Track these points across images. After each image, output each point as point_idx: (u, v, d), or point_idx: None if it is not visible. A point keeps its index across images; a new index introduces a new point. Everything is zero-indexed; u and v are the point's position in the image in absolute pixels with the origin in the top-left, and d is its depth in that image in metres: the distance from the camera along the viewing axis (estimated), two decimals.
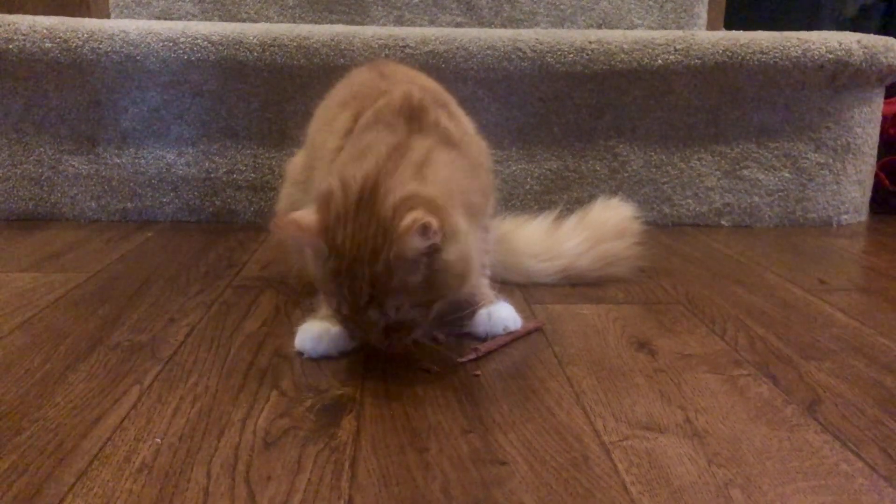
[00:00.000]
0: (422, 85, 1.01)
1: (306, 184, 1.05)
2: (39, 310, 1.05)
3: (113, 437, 0.71)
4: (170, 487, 0.63)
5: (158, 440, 0.71)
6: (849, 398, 0.82)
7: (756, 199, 1.67)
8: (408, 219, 0.75)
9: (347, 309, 0.81)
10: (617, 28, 2.11)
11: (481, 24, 2.10)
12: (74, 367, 0.86)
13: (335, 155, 0.94)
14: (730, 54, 1.57)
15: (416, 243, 0.75)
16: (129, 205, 1.63)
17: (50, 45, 1.53)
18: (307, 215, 0.81)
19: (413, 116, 0.89)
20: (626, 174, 1.65)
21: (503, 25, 2.10)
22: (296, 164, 1.11)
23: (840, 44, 1.57)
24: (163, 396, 0.80)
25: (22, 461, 0.67)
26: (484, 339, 0.95)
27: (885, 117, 1.76)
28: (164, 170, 1.62)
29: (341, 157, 0.88)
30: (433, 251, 0.78)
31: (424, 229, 0.75)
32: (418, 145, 0.85)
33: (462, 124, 0.97)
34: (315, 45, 1.55)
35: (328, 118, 1.04)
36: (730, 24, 2.27)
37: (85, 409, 0.76)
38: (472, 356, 0.90)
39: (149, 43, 1.53)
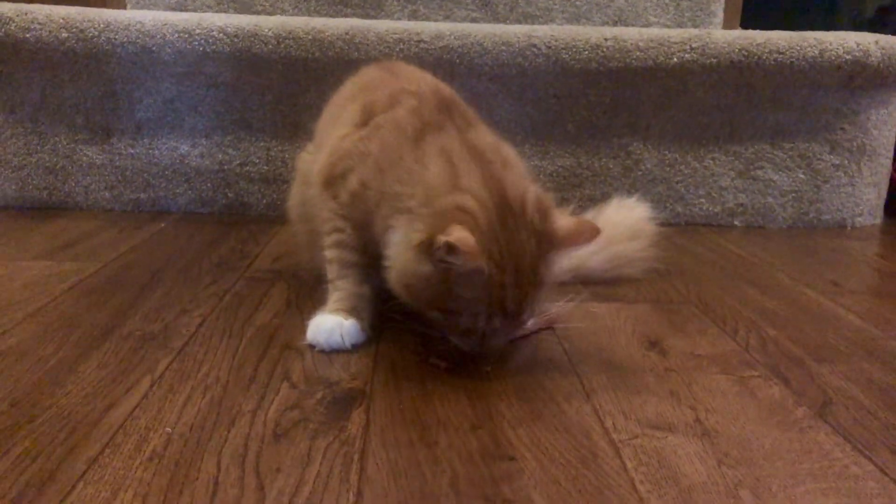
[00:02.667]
0: (433, 82, 1.01)
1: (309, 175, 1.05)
2: (52, 298, 1.06)
3: (124, 425, 0.72)
4: (180, 476, 0.64)
5: (169, 430, 0.71)
6: (860, 401, 0.82)
7: (770, 199, 1.66)
8: (567, 224, 0.83)
9: (501, 318, 0.82)
10: (632, 26, 2.11)
11: (496, 20, 2.10)
12: (86, 356, 0.87)
13: (340, 142, 0.95)
14: (746, 54, 1.56)
15: (591, 235, 0.85)
16: (142, 195, 1.64)
17: (66, 34, 1.53)
18: (467, 235, 0.76)
19: (451, 111, 0.92)
20: (639, 172, 1.64)
21: (518, 21, 2.10)
22: (305, 160, 1.11)
23: (858, 44, 1.56)
24: (174, 386, 0.80)
25: (34, 447, 0.67)
26: None
27: None
28: (178, 161, 1.62)
29: (407, 169, 0.86)
30: None
31: (594, 226, 0.84)
32: (484, 140, 0.89)
33: None
34: (330, 39, 1.55)
35: (336, 113, 1.04)
36: (746, 24, 2.25)
37: (97, 397, 0.77)
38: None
39: (164, 34, 1.54)
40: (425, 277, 0.79)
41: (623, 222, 1.23)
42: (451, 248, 0.75)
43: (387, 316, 0.94)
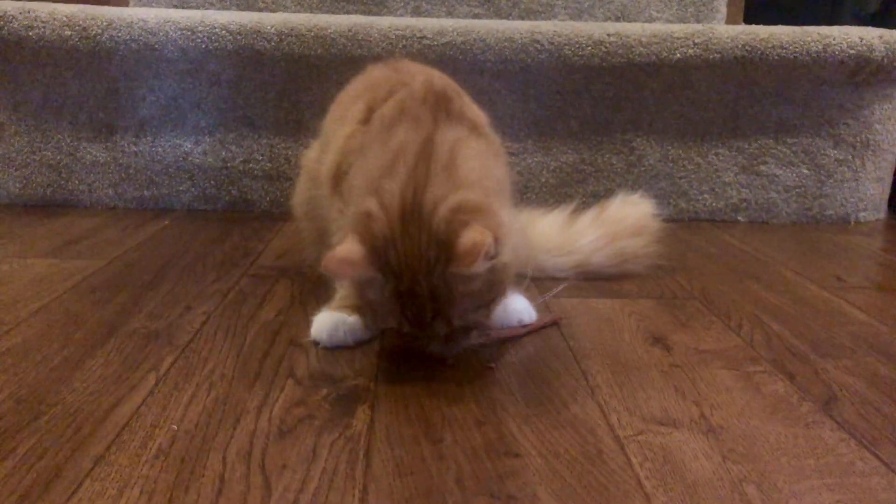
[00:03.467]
0: (430, 76, 1.01)
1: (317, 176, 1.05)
2: (57, 296, 1.06)
3: (130, 422, 0.72)
4: (186, 474, 0.64)
5: (175, 427, 0.71)
6: (865, 396, 0.81)
7: (773, 195, 1.66)
8: (467, 239, 0.74)
9: (409, 326, 0.80)
10: (635, 21, 2.10)
11: (499, 16, 2.10)
12: (92, 354, 0.87)
13: (346, 141, 0.94)
14: (749, 49, 1.56)
15: (480, 266, 0.75)
16: (145, 193, 1.64)
17: (69, 32, 1.53)
18: (352, 248, 0.77)
19: (438, 105, 0.88)
20: (642, 168, 1.64)
21: (521, 17, 2.09)
22: (310, 158, 1.11)
23: (861, 39, 1.56)
24: (179, 384, 0.80)
25: (40, 445, 0.67)
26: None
27: None
28: (181, 158, 1.62)
29: (369, 159, 0.85)
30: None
31: (487, 252, 0.74)
32: (445, 139, 0.83)
33: (481, 116, 0.97)
34: (332, 36, 1.55)
35: (341, 112, 1.04)
36: (749, 19, 2.25)
37: (102, 394, 0.77)
38: (482, 340, 0.90)
39: (167, 31, 1.54)
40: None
41: (626, 219, 1.23)
42: (339, 263, 0.77)
43: None
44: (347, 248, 0.77)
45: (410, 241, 0.77)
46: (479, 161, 0.85)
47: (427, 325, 0.80)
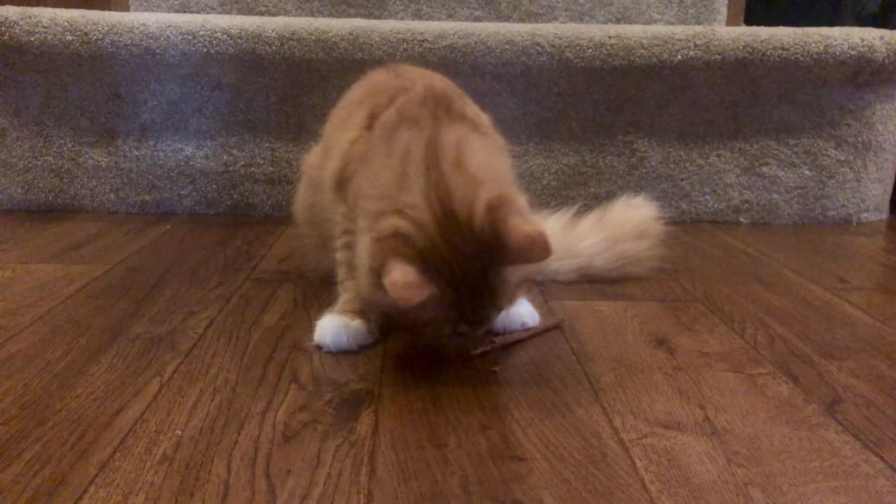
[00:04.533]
0: (431, 79, 1.01)
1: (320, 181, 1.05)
2: (60, 301, 1.06)
3: (134, 428, 0.72)
4: (191, 480, 0.64)
5: (179, 432, 0.71)
6: (870, 398, 0.81)
7: (775, 196, 1.66)
8: (521, 233, 0.76)
9: (467, 326, 0.82)
10: (636, 23, 2.11)
11: (500, 19, 2.10)
12: (95, 359, 0.87)
13: (350, 146, 0.94)
14: (750, 50, 1.56)
15: (540, 253, 0.77)
16: (147, 197, 1.64)
17: (70, 37, 1.54)
18: (404, 270, 0.75)
19: (438, 105, 0.88)
20: (644, 170, 1.64)
21: (522, 20, 2.10)
22: (312, 164, 1.11)
23: (863, 40, 1.56)
24: (183, 389, 0.80)
25: (45, 452, 0.67)
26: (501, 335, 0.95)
27: None
28: (183, 162, 1.62)
29: (375, 166, 0.85)
30: None
31: (546, 242, 0.76)
32: (448, 138, 0.84)
33: (483, 117, 0.97)
34: (333, 39, 1.55)
35: (344, 116, 1.04)
36: (750, 20, 2.25)
37: (106, 400, 0.77)
38: (487, 347, 0.90)
39: (168, 36, 1.54)
40: (383, 301, 0.79)
41: (629, 222, 1.23)
42: (413, 292, 0.75)
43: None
44: (401, 272, 0.75)
45: (457, 249, 0.77)
46: (484, 155, 0.85)
47: (483, 320, 0.82)
